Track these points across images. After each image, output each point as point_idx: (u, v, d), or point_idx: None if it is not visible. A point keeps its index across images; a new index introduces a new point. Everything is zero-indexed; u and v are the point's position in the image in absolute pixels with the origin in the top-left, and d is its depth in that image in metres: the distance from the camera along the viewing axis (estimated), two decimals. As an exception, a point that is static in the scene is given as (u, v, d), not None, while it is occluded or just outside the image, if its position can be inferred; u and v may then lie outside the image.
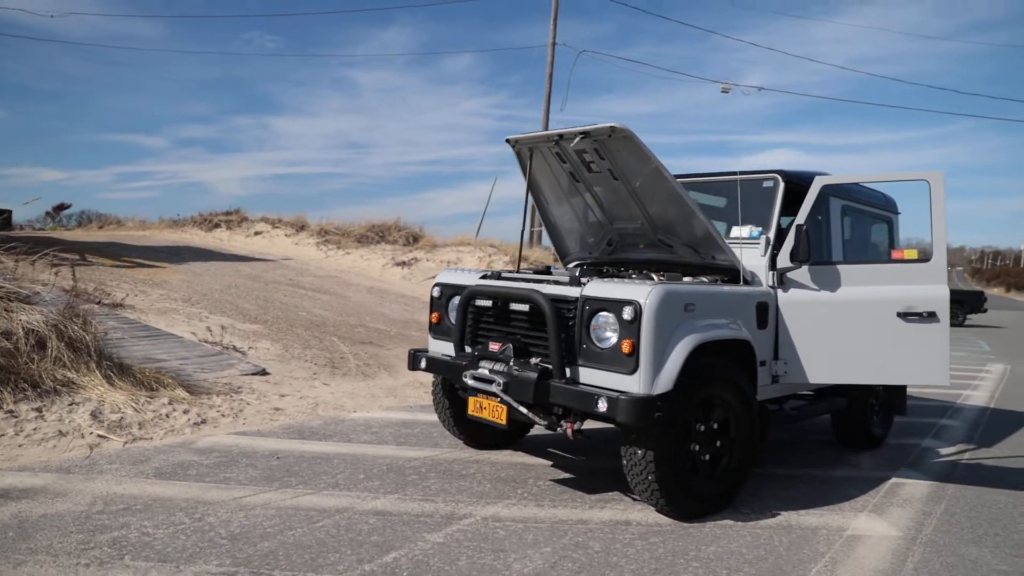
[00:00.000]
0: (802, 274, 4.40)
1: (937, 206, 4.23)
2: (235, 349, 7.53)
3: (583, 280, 3.86)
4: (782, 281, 4.40)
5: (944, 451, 5.72)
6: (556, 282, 4.02)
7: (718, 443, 3.88)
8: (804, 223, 4.32)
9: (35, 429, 4.49)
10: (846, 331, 4.30)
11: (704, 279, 4.35)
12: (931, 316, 4.16)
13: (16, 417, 4.57)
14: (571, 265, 5.34)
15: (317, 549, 3.13)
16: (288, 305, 11.47)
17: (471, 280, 4.45)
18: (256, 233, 21.50)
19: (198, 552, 3.02)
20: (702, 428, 3.79)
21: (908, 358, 4.23)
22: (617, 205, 4.65)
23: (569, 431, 3.75)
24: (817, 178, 4.48)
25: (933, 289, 4.20)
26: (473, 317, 4.33)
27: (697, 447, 3.78)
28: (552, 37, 19.61)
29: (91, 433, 4.57)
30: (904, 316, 4.20)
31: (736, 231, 4.71)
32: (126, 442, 4.55)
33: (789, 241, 4.37)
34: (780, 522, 3.81)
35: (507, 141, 4.57)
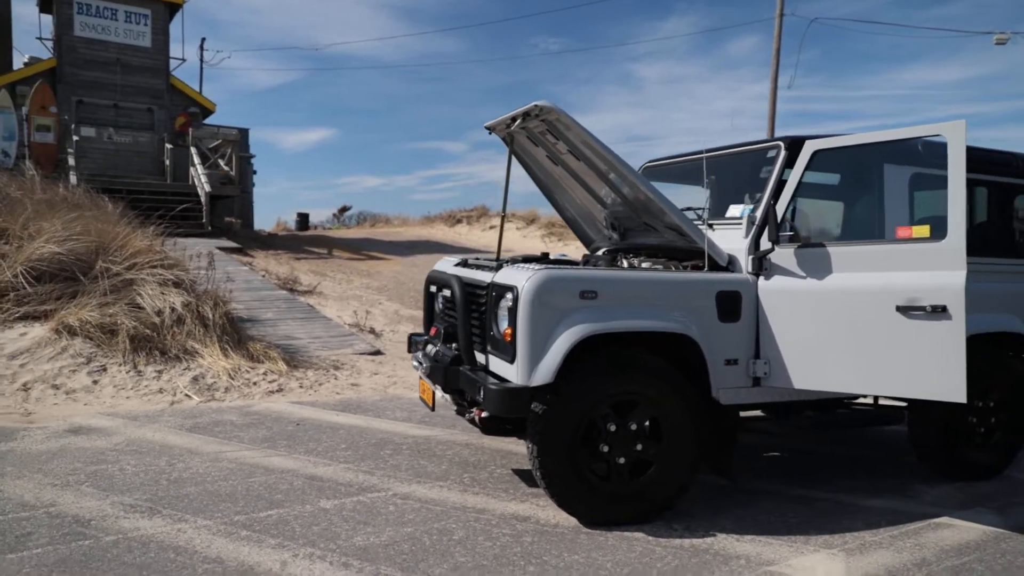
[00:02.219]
0: (787, 258, 3.70)
1: (955, 167, 3.25)
2: (371, 331, 8.50)
3: (503, 266, 3.77)
4: (762, 267, 3.75)
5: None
6: (490, 269, 3.97)
7: (638, 446, 3.50)
8: (790, 198, 3.65)
9: (146, 386, 5.74)
10: (833, 328, 3.53)
11: (658, 263, 3.93)
12: (940, 311, 3.22)
13: (140, 375, 5.88)
14: (599, 253, 5.11)
15: (221, 498, 3.62)
16: (468, 294, 12.36)
17: (443, 267, 4.58)
18: (491, 227, 23.21)
19: (135, 487, 3.72)
20: (613, 428, 3.46)
21: (910, 365, 3.32)
22: (598, 187, 4.38)
23: (477, 418, 3.71)
24: (808, 142, 3.72)
25: (944, 276, 3.24)
26: (440, 303, 4.46)
27: (607, 448, 3.46)
28: (779, 8, 17.83)
29: (181, 392, 5.69)
30: (905, 311, 3.31)
31: (732, 210, 4.12)
32: (201, 402, 5.58)
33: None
34: (700, 544, 3.31)
35: (485, 128, 4.57)
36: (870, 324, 3.41)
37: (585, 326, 3.33)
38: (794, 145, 3.86)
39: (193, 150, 15.27)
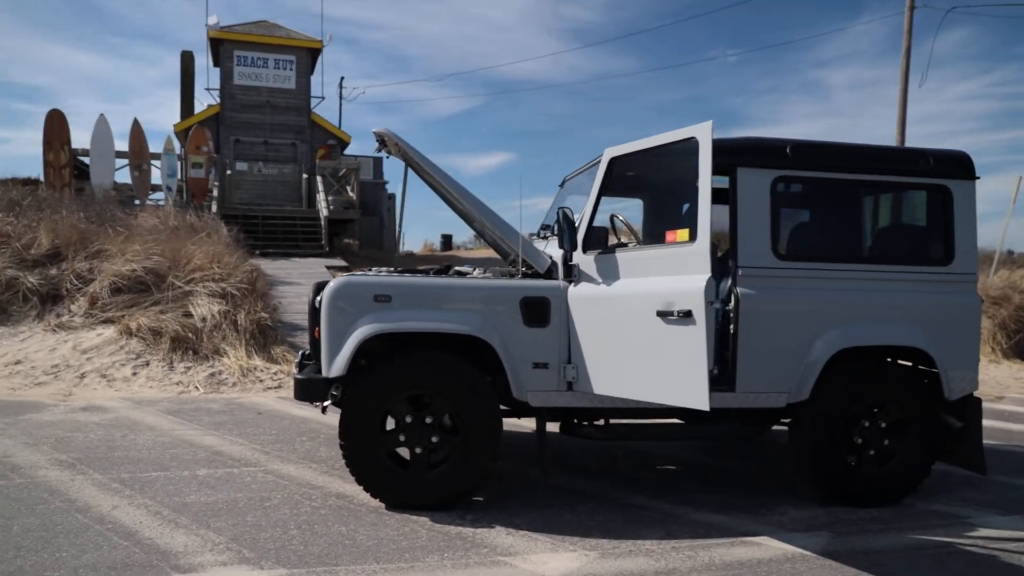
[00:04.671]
0: (590, 265, 3.84)
1: (703, 169, 3.25)
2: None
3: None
4: (571, 273, 3.91)
5: (980, 535, 3.77)
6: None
7: (434, 439, 3.81)
8: (593, 205, 3.83)
9: (170, 379, 6.91)
10: (614, 333, 3.62)
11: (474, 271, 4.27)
12: (686, 315, 3.23)
13: (171, 370, 7.08)
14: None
15: (130, 461, 4.47)
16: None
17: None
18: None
19: (78, 449, 4.69)
20: (409, 420, 3.81)
21: (666, 370, 3.34)
22: (465, 202, 4.72)
23: (321, 408, 4.23)
24: (607, 150, 3.83)
25: (691, 280, 3.24)
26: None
27: (403, 438, 3.82)
28: (910, 0, 16.23)
29: (193, 385, 6.78)
30: (664, 315, 3.34)
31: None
32: (203, 393, 6.62)
33: (582, 229, 3.89)
34: (466, 532, 3.55)
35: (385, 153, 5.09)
36: (639, 328, 3.47)
37: (374, 326, 3.75)
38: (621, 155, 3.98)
39: (319, 179, 17.22)
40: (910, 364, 4.26)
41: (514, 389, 3.84)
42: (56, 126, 14.61)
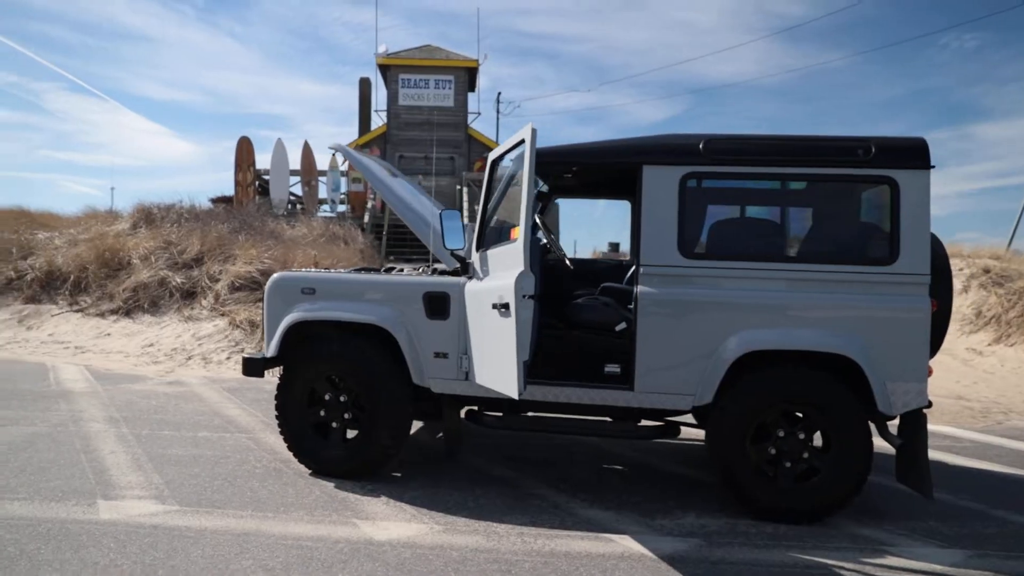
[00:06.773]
0: (477, 262, 4.07)
1: (528, 168, 3.38)
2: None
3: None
4: (467, 270, 4.17)
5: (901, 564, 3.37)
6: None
7: (347, 415, 4.29)
8: (482, 204, 4.08)
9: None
10: (479, 325, 3.82)
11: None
12: (505, 308, 3.38)
13: (259, 354, 8.27)
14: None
15: (160, 422, 5.50)
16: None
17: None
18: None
19: (131, 410, 5.84)
20: (328, 398, 4.32)
21: (497, 359, 3.50)
22: (391, 204, 5.06)
23: (279, 381, 4.89)
24: (489, 154, 4.03)
25: (510, 275, 3.38)
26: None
27: (323, 413, 4.34)
28: None
29: (267, 367, 7.89)
30: (498, 308, 3.51)
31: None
32: (270, 375, 7.68)
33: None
34: (350, 497, 3.97)
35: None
36: (488, 321, 3.66)
37: (298, 314, 4.32)
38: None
39: (464, 189, 18.42)
40: (837, 373, 3.89)
41: (414, 375, 4.19)
42: (244, 150, 17.29)
